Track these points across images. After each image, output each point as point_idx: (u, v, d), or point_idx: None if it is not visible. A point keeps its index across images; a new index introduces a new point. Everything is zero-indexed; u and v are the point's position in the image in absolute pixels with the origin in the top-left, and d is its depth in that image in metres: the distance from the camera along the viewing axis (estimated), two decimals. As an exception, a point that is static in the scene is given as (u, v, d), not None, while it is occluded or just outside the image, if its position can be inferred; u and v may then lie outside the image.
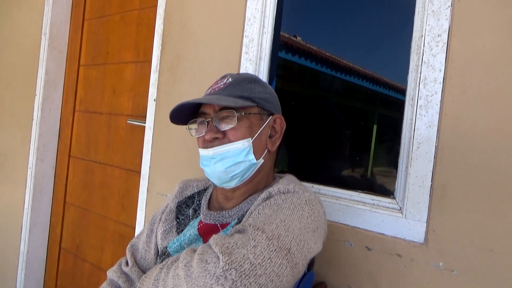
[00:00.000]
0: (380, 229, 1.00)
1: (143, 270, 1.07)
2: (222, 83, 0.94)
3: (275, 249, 0.66)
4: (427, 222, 0.93)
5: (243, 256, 0.63)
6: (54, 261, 2.26)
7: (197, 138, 0.95)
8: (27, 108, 2.29)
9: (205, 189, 1.08)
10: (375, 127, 1.19)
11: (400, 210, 0.99)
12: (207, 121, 0.90)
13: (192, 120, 0.96)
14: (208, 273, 0.61)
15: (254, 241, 0.66)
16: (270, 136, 0.96)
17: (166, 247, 0.98)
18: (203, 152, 0.92)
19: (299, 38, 1.32)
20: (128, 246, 1.12)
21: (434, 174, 0.92)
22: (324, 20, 1.28)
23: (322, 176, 1.18)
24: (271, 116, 0.95)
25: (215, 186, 1.07)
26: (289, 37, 1.31)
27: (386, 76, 1.14)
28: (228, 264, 0.61)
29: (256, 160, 0.90)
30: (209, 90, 0.97)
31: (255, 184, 0.94)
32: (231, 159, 0.88)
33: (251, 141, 0.89)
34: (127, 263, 1.07)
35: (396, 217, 0.98)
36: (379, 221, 1.01)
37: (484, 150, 0.86)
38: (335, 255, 1.06)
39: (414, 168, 0.96)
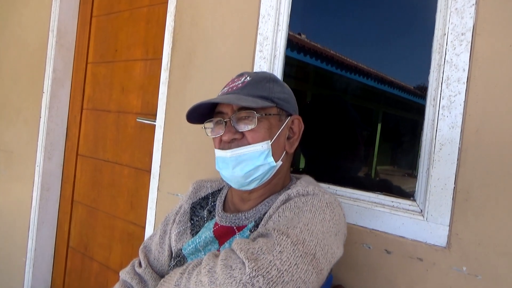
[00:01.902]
0: (400, 232, 0.98)
1: (157, 272, 1.06)
2: (239, 81, 0.92)
3: (301, 255, 0.64)
4: (450, 225, 0.91)
5: (270, 262, 0.61)
6: (61, 260, 2.25)
7: (213, 138, 0.92)
8: (35, 106, 2.28)
9: (219, 190, 1.06)
10: (379, 126, 1.18)
11: (421, 213, 0.96)
12: (224, 121, 0.88)
13: (209, 120, 0.94)
14: (234, 280, 0.59)
15: (280, 246, 0.64)
16: (288, 138, 0.94)
17: (181, 249, 0.96)
18: (220, 153, 0.89)
19: (303, 36, 1.29)
20: (141, 247, 1.11)
21: (457, 176, 0.90)
22: (330, 19, 1.26)
23: (338, 177, 1.15)
24: (289, 117, 0.93)
25: (229, 187, 1.05)
26: (294, 35, 1.29)
27: (403, 76, 1.12)
28: (255, 270, 0.59)
29: (275, 162, 0.87)
30: (226, 88, 0.94)
31: (273, 186, 0.93)
32: (250, 163, 0.85)
33: (270, 143, 0.87)
34: (140, 264, 1.06)
35: (417, 220, 0.96)
36: (399, 224, 0.98)
37: (510, 152, 0.84)
38: (353, 258, 1.04)
39: (436, 170, 0.93)
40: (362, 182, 1.14)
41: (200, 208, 1.03)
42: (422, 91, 1.00)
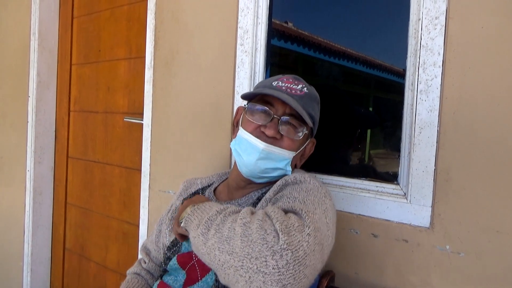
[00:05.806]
0: (386, 215, 1.01)
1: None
2: (297, 88, 0.94)
3: (318, 243, 0.68)
4: (432, 206, 0.93)
5: (299, 241, 0.64)
6: (59, 262, 2.26)
7: (248, 120, 0.93)
8: (21, 110, 2.26)
9: (209, 185, 1.10)
10: (370, 110, 1.19)
11: (405, 195, 0.99)
12: (276, 118, 0.90)
13: (255, 103, 0.94)
14: (266, 244, 0.63)
15: (308, 229, 0.67)
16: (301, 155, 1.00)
17: (176, 238, 0.98)
18: (251, 139, 0.91)
19: (290, 24, 1.30)
20: (141, 247, 1.17)
21: (437, 158, 0.92)
22: (316, 6, 1.26)
23: (324, 165, 1.17)
24: (309, 139, 0.99)
25: (220, 182, 1.09)
26: (281, 24, 1.29)
27: (383, 61, 1.13)
28: (287, 244, 0.62)
29: (290, 171, 0.93)
30: (283, 85, 0.94)
31: (269, 184, 0.97)
32: (273, 162, 0.91)
33: (294, 154, 0.93)
34: (144, 261, 1.13)
35: (401, 203, 0.98)
36: (384, 208, 1.01)
37: (487, 132, 0.86)
38: (342, 244, 1.06)
39: (417, 153, 0.95)
40: (350, 169, 1.15)
41: None
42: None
